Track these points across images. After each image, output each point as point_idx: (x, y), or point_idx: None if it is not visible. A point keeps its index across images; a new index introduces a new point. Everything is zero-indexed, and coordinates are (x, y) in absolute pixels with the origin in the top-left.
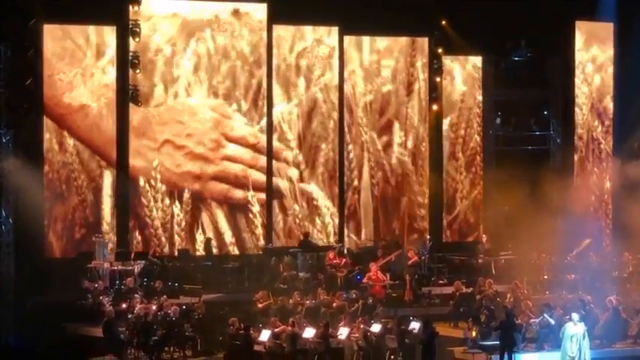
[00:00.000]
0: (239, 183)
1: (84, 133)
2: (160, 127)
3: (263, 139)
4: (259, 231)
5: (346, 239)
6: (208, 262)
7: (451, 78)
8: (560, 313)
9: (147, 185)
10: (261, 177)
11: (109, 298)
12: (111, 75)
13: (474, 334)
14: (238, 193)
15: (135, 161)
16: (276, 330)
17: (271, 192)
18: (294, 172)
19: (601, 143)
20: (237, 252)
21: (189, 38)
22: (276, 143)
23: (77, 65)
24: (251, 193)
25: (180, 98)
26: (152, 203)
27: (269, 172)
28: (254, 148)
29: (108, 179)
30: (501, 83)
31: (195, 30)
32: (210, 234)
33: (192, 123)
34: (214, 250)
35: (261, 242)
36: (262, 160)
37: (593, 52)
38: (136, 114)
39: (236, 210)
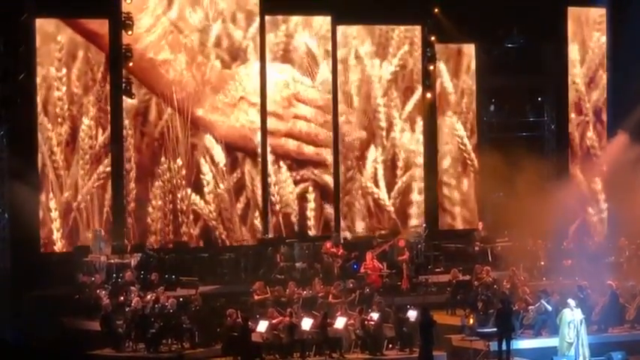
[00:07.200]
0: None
1: None
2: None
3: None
4: None
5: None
6: (204, 253)
7: (444, 66)
8: (558, 299)
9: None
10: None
11: (106, 292)
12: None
13: (471, 321)
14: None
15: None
16: (273, 321)
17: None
18: None
19: (595, 128)
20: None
21: None
22: None
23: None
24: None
25: None
26: None
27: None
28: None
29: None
30: (495, 70)
31: None
32: None
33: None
34: None
35: None
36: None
37: (586, 38)
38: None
39: None
